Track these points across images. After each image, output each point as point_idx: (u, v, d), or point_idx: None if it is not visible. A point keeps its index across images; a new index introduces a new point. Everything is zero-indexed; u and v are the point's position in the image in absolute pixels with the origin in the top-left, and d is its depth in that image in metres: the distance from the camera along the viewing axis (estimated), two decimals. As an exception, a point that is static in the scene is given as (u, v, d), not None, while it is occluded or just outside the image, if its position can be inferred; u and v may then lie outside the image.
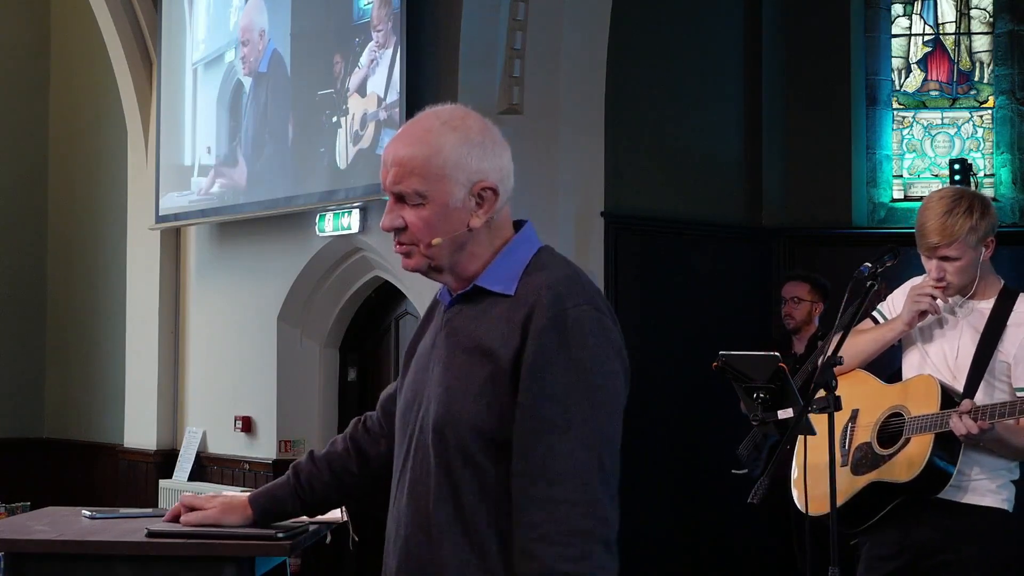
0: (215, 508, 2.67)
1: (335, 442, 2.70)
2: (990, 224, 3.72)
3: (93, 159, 9.29)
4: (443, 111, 2.38)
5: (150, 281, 8.32)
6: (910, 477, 3.64)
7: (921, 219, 3.72)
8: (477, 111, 2.41)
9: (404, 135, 2.36)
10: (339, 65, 6.90)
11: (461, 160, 2.32)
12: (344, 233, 7.06)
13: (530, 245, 2.40)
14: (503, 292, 2.33)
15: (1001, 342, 3.66)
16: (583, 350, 2.25)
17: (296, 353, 7.62)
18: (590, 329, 2.27)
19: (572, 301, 2.28)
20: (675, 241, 7.32)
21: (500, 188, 2.35)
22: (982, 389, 3.65)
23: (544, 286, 2.30)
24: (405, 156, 2.33)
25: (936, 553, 3.67)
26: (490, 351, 2.29)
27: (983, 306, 3.73)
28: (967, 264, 3.69)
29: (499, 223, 2.38)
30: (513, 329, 2.28)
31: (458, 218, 2.33)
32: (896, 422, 3.76)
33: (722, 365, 4.02)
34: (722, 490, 6.62)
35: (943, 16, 8.02)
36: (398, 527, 2.37)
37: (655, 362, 7.06)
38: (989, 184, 7.70)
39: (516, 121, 6.46)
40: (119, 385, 8.61)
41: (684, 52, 7.46)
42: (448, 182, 2.31)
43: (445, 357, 2.36)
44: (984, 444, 3.61)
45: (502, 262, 2.36)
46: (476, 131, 2.35)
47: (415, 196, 2.32)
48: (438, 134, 2.33)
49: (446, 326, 2.39)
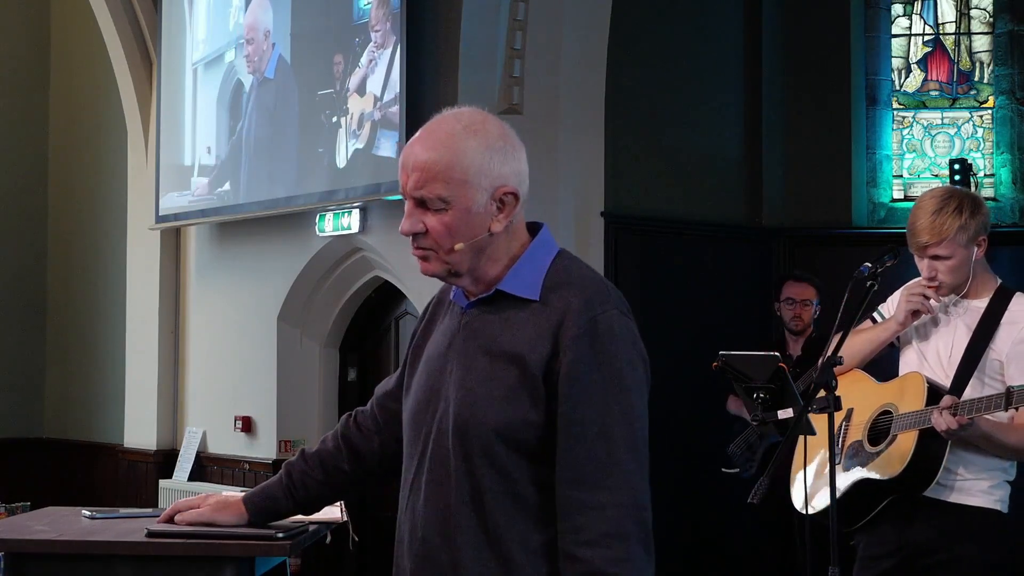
0: (208, 507, 2.66)
1: (326, 440, 2.68)
2: (981, 223, 3.70)
3: (93, 159, 9.29)
4: (463, 114, 2.37)
5: (150, 281, 8.32)
6: (893, 473, 3.67)
7: (912, 218, 3.74)
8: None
9: (425, 139, 2.34)
10: (339, 65, 6.90)
11: (484, 165, 2.31)
12: (344, 233, 7.06)
13: (549, 248, 2.40)
14: (528, 297, 2.33)
15: (994, 340, 3.67)
16: (616, 357, 2.30)
17: (296, 353, 7.62)
18: (620, 334, 2.32)
19: (601, 307, 2.32)
20: (675, 241, 7.32)
21: (520, 192, 2.36)
22: (973, 386, 3.66)
23: (573, 292, 2.32)
24: (427, 161, 2.31)
25: (929, 553, 3.69)
26: (517, 356, 2.29)
27: (977, 305, 3.74)
28: (959, 263, 3.70)
29: (516, 226, 2.38)
30: (542, 335, 2.29)
31: (480, 223, 2.33)
32: (885, 420, 3.79)
33: (722, 365, 4.02)
34: (722, 490, 6.62)
35: (943, 16, 8.02)
36: (413, 529, 2.36)
37: (655, 362, 7.01)
38: (989, 184, 7.70)
39: (516, 121, 6.40)
40: (119, 385, 8.61)
41: (684, 52, 7.46)
42: (471, 187, 2.31)
43: (465, 360, 2.34)
44: (975, 442, 3.62)
45: (523, 266, 2.36)
46: (497, 136, 2.35)
47: (438, 201, 2.31)
48: (460, 139, 2.32)
49: (464, 328, 2.38)
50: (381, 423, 2.61)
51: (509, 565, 2.27)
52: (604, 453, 2.25)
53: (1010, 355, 3.64)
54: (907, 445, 3.67)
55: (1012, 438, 3.63)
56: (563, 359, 2.27)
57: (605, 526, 2.22)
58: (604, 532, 2.22)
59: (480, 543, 2.27)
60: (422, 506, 2.34)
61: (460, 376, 2.33)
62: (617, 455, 2.26)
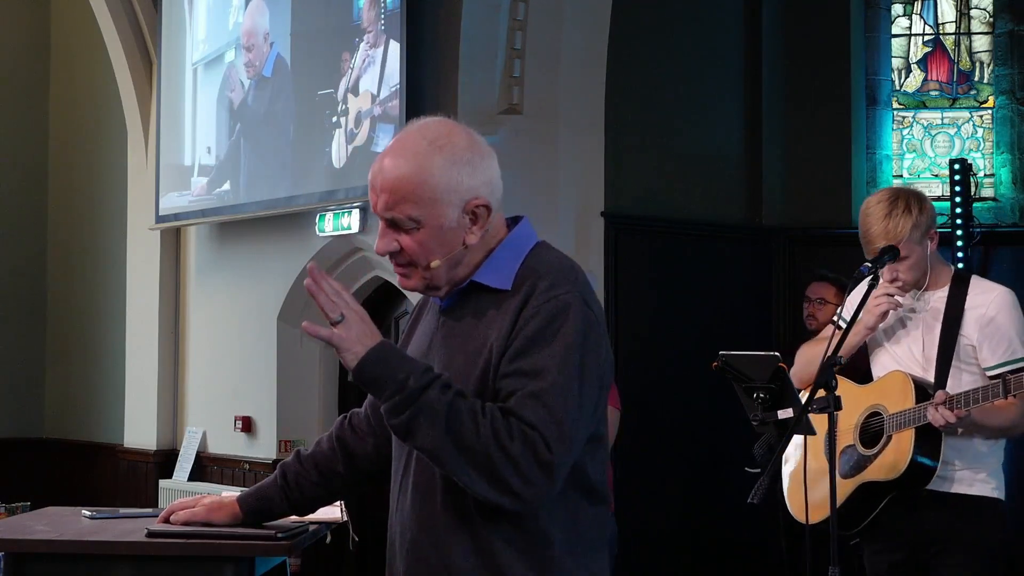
0: (203, 507, 2.67)
1: (321, 441, 2.68)
2: (930, 217, 3.79)
3: (93, 159, 9.29)
4: (428, 128, 2.35)
5: (150, 281, 8.32)
6: (897, 474, 3.71)
7: (864, 226, 3.80)
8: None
9: (391, 157, 2.33)
10: (339, 65, 6.90)
11: (452, 181, 2.30)
12: (344, 233, 7.06)
13: (527, 240, 2.40)
14: (500, 287, 2.33)
15: (962, 326, 3.75)
16: (566, 335, 2.26)
17: (296, 353, 7.62)
18: (574, 316, 2.27)
19: (563, 289, 2.29)
20: (675, 241, 7.32)
21: (492, 201, 2.34)
22: (953, 376, 3.73)
23: (539, 277, 2.31)
24: (395, 181, 2.30)
25: (935, 543, 3.74)
26: (487, 348, 2.30)
27: (939, 295, 3.82)
28: (916, 260, 3.76)
29: (493, 230, 2.38)
30: (507, 322, 2.29)
31: (453, 238, 2.33)
32: (876, 421, 3.83)
33: (722, 365, 4.02)
34: (723, 489, 6.63)
35: (943, 16, 8.02)
36: (403, 530, 2.37)
37: (655, 362, 7.07)
38: (989, 184, 7.69)
39: (516, 121, 6.46)
40: (119, 385, 8.61)
41: (684, 52, 7.46)
42: (441, 205, 2.30)
43: (443, 359, 2.36)
44: (964, 430, 3.67)
45: (498, 258, 2.36)
46: (464, 148, 2.33)
47: (408, 222, 2.31)
48: (427, 156, 2.30)
49: (442, 328, 2.39)
50: (375, 425, 2.60)
51: (494, 558, 2.27)
52: (538, 391, 2.23)
53: (980, 338, 3.73)
54: (905, 444, 3.70)
55: (996, 420, 3.70)
56: (516, 335, 2.27)
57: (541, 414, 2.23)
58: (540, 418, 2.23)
59: (467, 541, 2.28)
60: (410, 507, 2.36)
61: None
62: (550, 394, 2.23)
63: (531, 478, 2.20)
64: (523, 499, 2.21)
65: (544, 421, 2.20)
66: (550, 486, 2.22)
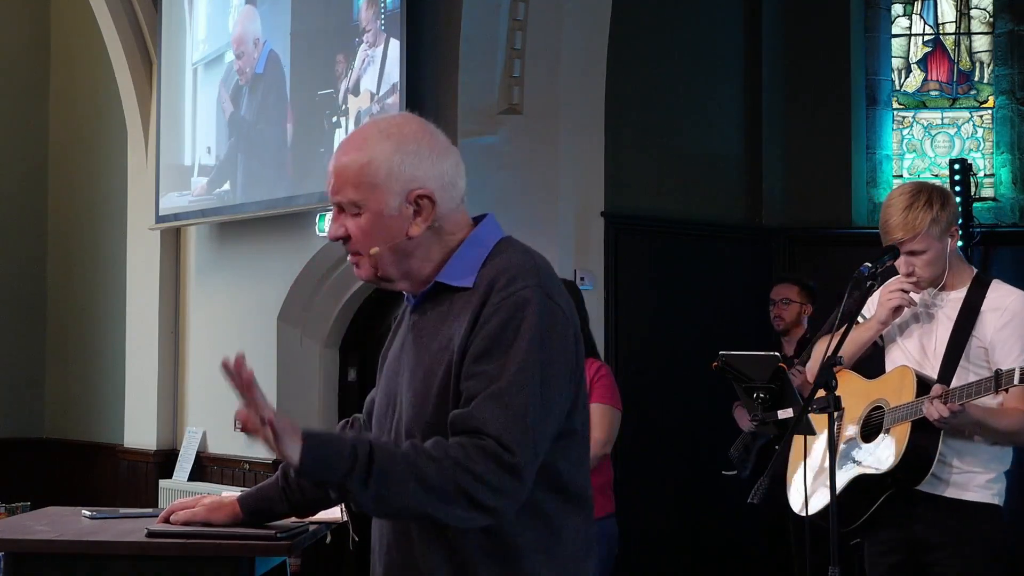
0: (203, 507, 2.67)
1: None
2: (951, 214, 3.76)
3: (93, 159, 9.29)
4: (383, 119, 2.39)
5: (150, 281, 8.32)
6: (889, 466, 3.69)
7: (884, 217, 3.78)
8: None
9: (344, 144, 2.37)
10: (339, 65, 6.90)
11: (393, 169, 2.31)
12: (344, 233, 7.05)
13: (490, 237, 2.39)
14: (463, 285, 2.32)
15: (976, 328, 3.71)
16: (528, 329, 2.24)
17: (296, 353, 7.62)
18: (534, 311, 2.25)
19: (522, 283, 2.28)
20: (675, 241, 7.33)
21: (438, 195, 2.33)
22: (960, 376, 3.70)
23: (499, 272, 2.30)
24: (341, 166, 2.34)
25: (931, 549, 3.72)
26: (450, 347, 2.29)
27: (956, 296, 3.79)
28: (934, 256, 3.73)
29: (450, 227, 2.36)
30: (467, 317, 2.28)
31: (396, 227, 2.32)
32: (877, 415, 3.82)
33: (722, 365, 4.03)
34: (722, 490, 6.62)
35: (943, 16, 8.02)
36: (381, 535, 2.41)
37: (655, 362, 7.07)
38: (989, 184, 7.69)
39: (516, 121, 6.46)
40: (119, 385, 8.60)
41: (684, 52, 7.46)
42: (381, 191, 2.31)
43: (413, 362, 2.36)
44: (967, 430, 3.66)
45: (460, 256, 2.35)
46: (411, 139, 2.34)
47: (351, 206, 2.33)
48: (373, 143, 2.33)
49: (412, 329, 2.40)
50: (373, 430, 2.61)
51: (466, 561, 2.28)
52: (499, 399, 2.21)
53: (993, 341, 3.69)
54: (900, 437, 3.70)
55: (1003, 422, 3.66)
56: (477, 334, 2.26)
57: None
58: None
59: (437, 542, 2.29)
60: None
61: (408, 379, 2.35)
62: (509, 404, 2.21)
63: (499, 487, 2.19)
64: (498, 511, 2.21)
65: (504, 423, 2.19)
66: (520, 488, 2.21)
